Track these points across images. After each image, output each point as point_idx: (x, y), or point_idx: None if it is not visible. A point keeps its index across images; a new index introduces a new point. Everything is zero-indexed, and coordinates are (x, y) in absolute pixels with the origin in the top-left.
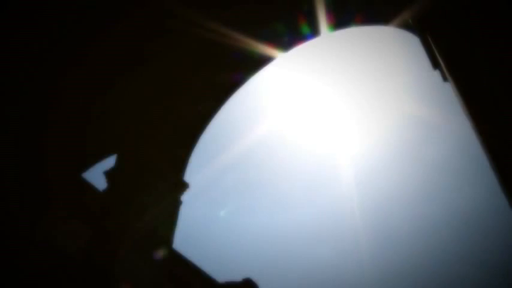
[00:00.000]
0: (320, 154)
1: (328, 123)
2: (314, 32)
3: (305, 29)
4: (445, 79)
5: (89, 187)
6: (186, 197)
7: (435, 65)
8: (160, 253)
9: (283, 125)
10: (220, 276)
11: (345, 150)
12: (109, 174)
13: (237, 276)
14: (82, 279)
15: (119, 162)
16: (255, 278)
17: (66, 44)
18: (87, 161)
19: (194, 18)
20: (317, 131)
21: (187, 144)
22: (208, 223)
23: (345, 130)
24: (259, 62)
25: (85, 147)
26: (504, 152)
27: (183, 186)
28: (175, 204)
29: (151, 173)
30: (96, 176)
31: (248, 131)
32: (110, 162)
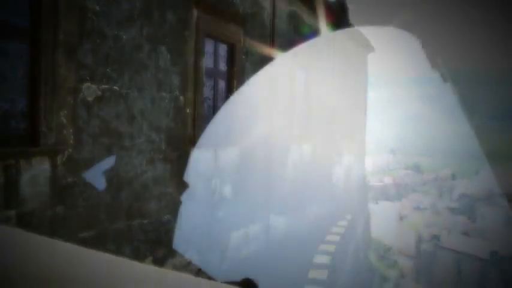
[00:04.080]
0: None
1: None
2: (314, 31)
3: (306, 29)
4: (445, 79)
5: None
6: (185, 196)
7: (435, 65)
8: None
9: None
10: (220, 276)
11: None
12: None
13: (237, 276)
14: None
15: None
16: (255, 278)
17: None
18: None
19: None
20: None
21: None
22: (207, 222)
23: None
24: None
25: None
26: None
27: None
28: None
29: None
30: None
31: (247, 131)
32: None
